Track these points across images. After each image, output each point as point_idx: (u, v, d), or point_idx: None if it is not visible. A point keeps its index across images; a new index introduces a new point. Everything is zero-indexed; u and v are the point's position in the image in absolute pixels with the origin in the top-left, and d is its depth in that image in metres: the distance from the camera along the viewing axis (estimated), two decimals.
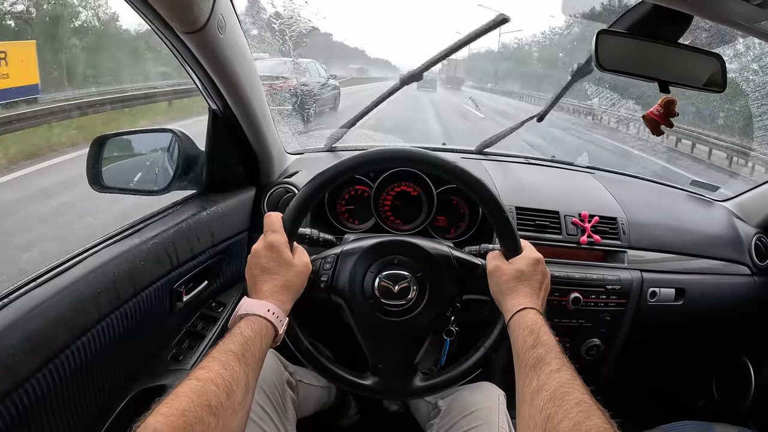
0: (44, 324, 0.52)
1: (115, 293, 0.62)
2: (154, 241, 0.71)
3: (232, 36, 0.69)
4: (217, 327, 0.84)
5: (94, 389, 0.61)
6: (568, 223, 0.98)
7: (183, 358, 0.77)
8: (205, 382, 0.43)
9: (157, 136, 0.92)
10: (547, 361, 0.50)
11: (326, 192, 0.70)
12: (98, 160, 0.84)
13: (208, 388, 0.43)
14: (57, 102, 4.88)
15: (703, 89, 0.83)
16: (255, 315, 0.53)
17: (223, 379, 0.44)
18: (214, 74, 0.71)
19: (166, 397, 0.41)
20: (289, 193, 0.97)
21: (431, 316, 0.66)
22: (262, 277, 0.58)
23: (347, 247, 0.69)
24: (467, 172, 0.65)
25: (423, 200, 0.97)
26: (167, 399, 0.41)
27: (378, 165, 0.72)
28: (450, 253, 0.69)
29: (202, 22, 0.60)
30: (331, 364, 0.66)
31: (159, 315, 0.73)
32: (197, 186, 0.90)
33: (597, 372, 1.06)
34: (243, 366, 0.47)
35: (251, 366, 0.49)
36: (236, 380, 0.45)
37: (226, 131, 0.86)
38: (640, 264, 1.00)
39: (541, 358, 0.51)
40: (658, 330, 1.09)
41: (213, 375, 0.44)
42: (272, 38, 1.78)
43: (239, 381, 0.46)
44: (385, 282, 0.65)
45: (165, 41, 0.64)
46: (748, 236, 1.12)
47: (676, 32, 0.77)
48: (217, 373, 0.45)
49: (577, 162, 1.31)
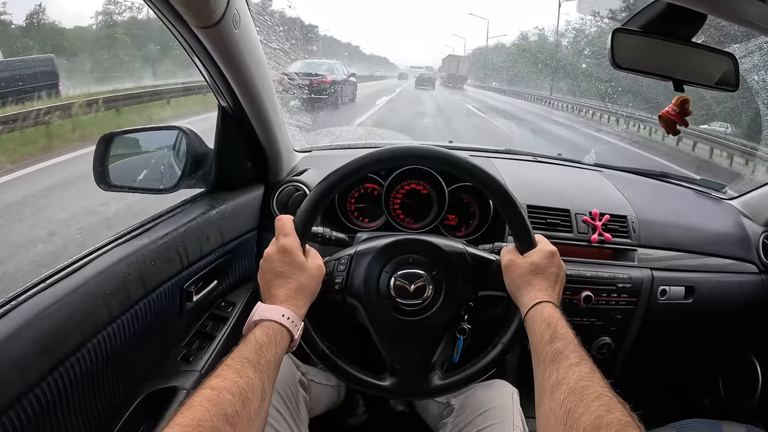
0: (54, 326, 0.51)
1: (126, 294, 0.62)
2: (164, 241, 0.70)
3: (246, 31, 0.68)
4: (227, 327, 0.83)
5: (106, 391, 0.60)
6: (579, 222, 0.98)
7: (193, 359, 0.76)
8: (220, 390, 0.42)
9: (164, 134, 0.91)
10: (565, 354, 0.50)
11: (337, 192, 0.69)
12: (105, 159, 0.82)
13: (223, 397, 0.42)
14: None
15: (715, 88, 0.82)
16: (270, 320, 0.53)
17: (238, 388, 0.43)
18: (227, 70, 0.70)
19: (180, 407, 0.41)
20: (298, 192, 0.97)
21: (447, 314, 0.66)
22: (276, 281, 0.57)
23: (361, 247, 0.68)
24: (480, 169, 0.65)
25: (433, 198, 0.97)
26: (182, 409, 0.40)
27: (390, 163, 0.72)
28: (465, 249, 0.68)
29: (218, 16, 0.59)
30: (348, 366, 0.65)
31: (169, 315, 0.72)
32: (205, 184, 0.89)
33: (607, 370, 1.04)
34: (258, 373, 0.47)
35: (266, 373, 0.48)
36: (252, 388, 0.45)
37: (235, 129, 0.85)
38: (650, 262, 1.00)
39: (559, 351, 0.50)
40: (668, 328, 1.09)
41: (228, 383, 0.43)
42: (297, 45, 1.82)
43: (255, 389, 0.45)
44: (400, 281, 0.65)
45: (177, 36, 0.64)
46: (755, 235, 1.12)
47: (690, 31, 0.77)
48: (232, 381, 0.44)
49: (585, 160, 1.31)
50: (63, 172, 3.37)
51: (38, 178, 3.32)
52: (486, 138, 6.81)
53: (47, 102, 4.18)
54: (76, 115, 4.41)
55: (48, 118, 3.98)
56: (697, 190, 1.27)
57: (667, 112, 0.81)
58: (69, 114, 4.32)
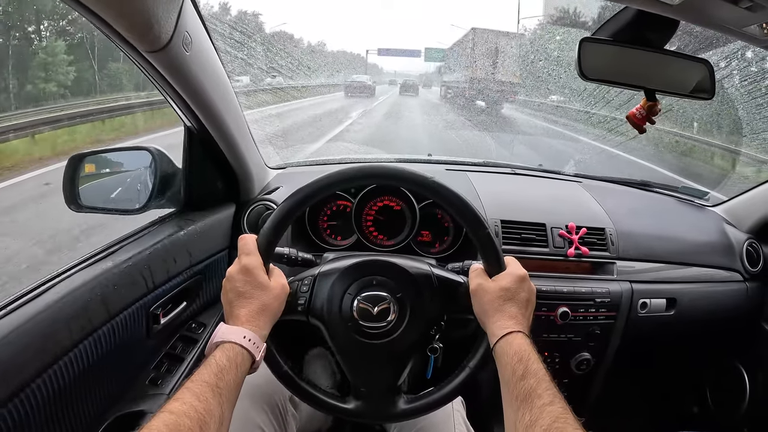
0: (12, 353, 0.51)
1: (87, 319, 0.61)
2: (128, 264, 0.70)
3: (200, 52, 0.68)
4: (197, 349, 0.82)
5: (70, 417, 0.60)
6: (555, 236, 0.97)
7: (162, 382, 0.75)
8: (178, 415, 0.42)
9: (134, 154, 0.90)
10: (539, 393, 0.49)
11: (302, 211, 0.68)
12: (75, 179, 0.82)
13: (181, 422, 0.42)
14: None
15: (691, 96, 0.81)
16: (231, 342, 0.52)
17: (196, 412, 0.43)
18: (184, 92, 0.70)
19: (139, 431, 0.40)
20: (269, 210, 0.96)
21: (413, 337, 0.64)
22: (238, 301, 0.57)
23: (324, 268, 0.67)
24: (445, 187, 0.63)
25: (406, 215, 0.96)
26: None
27: (354, 182, 0.71)
28: (431, 271, 0.67)
29: (165, 40, 0.58)
30: (312, 388, 0.64)
31: (135, 339, 0.72)
32: (176, 204, 0.89)
33: (588, 385, 1.04)
34: (217, 397, 0.46)
35: (226, 396, 0.47)
36: (210, 413, 0.44)
37: (202, 148, 0.85)
38: (629, 275, 0.99)
39: (532, 389, 0.49)
40: (650, 341, 1.07)
41: (186, 408, 0.43)
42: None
43: (213, 413, 0.45)
44: (363, 304, 0.63)
45: (131, 59, 0.63)
46: (739, 242, 1.10)
47: (662, 38, 0.75)
48: (191, 405, 0.44)
49: (565, 170, 1.30)
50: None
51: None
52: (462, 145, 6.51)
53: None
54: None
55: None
56: (679, 197, 1.25)
57: (633, 114, 0.80)
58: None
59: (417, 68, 21.14)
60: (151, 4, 0.52)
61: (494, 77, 9.76)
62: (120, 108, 6.60)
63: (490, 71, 9.75)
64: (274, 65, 6.88)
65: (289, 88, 7.90)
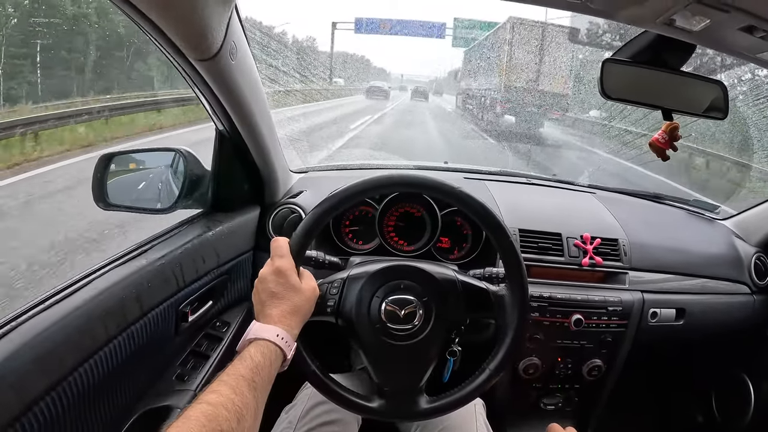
0: (53, 346, 0.52)
1: (123, 315, 0.63)
2: (161, 262, 0.71)
3: (242, 61, 0.70)
4: (221, 347, 0.84)
5: (103, 410, 0.61)
6: (570, 246, 0.99)
7: (188, 378, 0.77)
8: (216, 406, 0.43)
9: (161, 155, 0.92)
10: None
11: (332, 217, 0.70)
12: (104, 178, 0.84)
13: (219, 413, 0.43)
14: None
15: (704, 116, 0.84)
16: (264, 340, 0.54)
17: (233, 404, 0.44)
18: (224, 98, 0.72)
19: (176, 420, 0.42)
20: (293, 214, 0.98)
21: (437, 339, 0.67)
22: (270, 302, 0.58)
23: (354, 271, 0.69)
24: (473, 198, 0.66)
25: (426, 221, 0.98)
26: (178, 422, 0.41)
27: (383, 190, 0.73)
28: (455, 277, 0.69)
29: (215, 50, 0.60)
30: (338, 387, 0.66)
31: (165, 336, 0.74)
32: (202, 205, 0.90)
33: (599, 391, 1.06)
34: (253, 392, 0.48)
35: (260, 391, 0.49)
36: (246, 406, 0.46)
37: (232, 151, 0.87)
38: (641, 285, 1.01)
39: None
40: (659, 350, 1.09)
41: (224, 399, 0.44)
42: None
43: (249, 407, 0.46)
44: (391, 306, 0.66)
45: (177, 68, 0.65)
46: (747, 255, 1.13)
47: (679, 60, 0.78)
48: (228, 397, 0.45)
49: (579, 181, 1.32)
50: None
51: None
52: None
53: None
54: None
55: None
56: (690, 210, 1.28)
57: (657, 139, 0.82)
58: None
59: (426, 72, 21.90)
60: (207, 14, 0.54)
61: (536, 86, 7.25)
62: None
63: (531, 78, 7.25)
64: (307, 72, 7.65)
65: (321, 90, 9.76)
